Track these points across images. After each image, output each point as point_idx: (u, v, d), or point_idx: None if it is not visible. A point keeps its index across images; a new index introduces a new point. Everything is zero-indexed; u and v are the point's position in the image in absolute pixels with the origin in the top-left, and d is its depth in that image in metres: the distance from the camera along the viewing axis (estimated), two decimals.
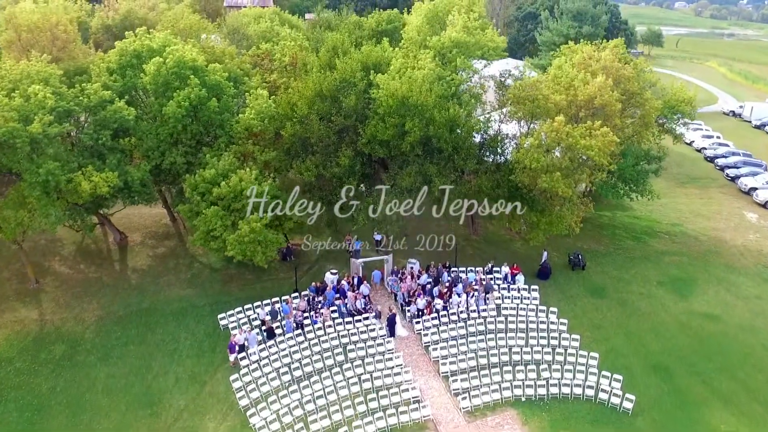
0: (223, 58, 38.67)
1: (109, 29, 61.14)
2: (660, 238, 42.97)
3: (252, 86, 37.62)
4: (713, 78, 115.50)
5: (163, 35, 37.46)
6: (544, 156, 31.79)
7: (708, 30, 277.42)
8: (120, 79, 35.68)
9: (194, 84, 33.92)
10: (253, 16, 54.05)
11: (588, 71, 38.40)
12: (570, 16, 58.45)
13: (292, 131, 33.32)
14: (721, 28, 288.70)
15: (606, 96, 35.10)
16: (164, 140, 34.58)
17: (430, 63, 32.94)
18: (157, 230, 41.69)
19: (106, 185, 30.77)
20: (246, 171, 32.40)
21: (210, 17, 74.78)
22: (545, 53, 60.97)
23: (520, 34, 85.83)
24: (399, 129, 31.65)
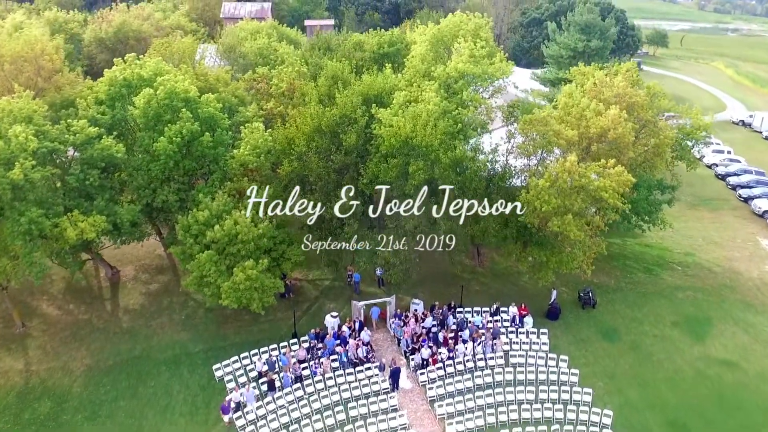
0: (217, 86, 36.92)
1: (102, 42, 59.43)
2: (672, 270, 41.35)
3: (248, 116, 35.97)
4: (720, 81, 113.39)
5: (155, 62, 35.70)
6: (555, 197, 30.17)
7: (712, 25, 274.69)
8: (109, 111, 34.02)
9: (186, 118, 32.25)
10: (250, 30, 52.13)
11: (600, 99, 36.69)
12: (578, 28, 56.55)
13: (289, 168, 31.65)
14: (725, 23, 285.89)
15: (620, 129, 33.38)
16: (156, 177, 32.95)
17: (434, 97, 31.18)
18: (150, 262, 40.12)
19: (94, 231, 29.17)
20: (241, 213, 30.82)
21: (207, 25, 73.08)
22: (552, 66, 59.19)
23: (524, 41, 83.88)
24: (402, 169, 30.00)
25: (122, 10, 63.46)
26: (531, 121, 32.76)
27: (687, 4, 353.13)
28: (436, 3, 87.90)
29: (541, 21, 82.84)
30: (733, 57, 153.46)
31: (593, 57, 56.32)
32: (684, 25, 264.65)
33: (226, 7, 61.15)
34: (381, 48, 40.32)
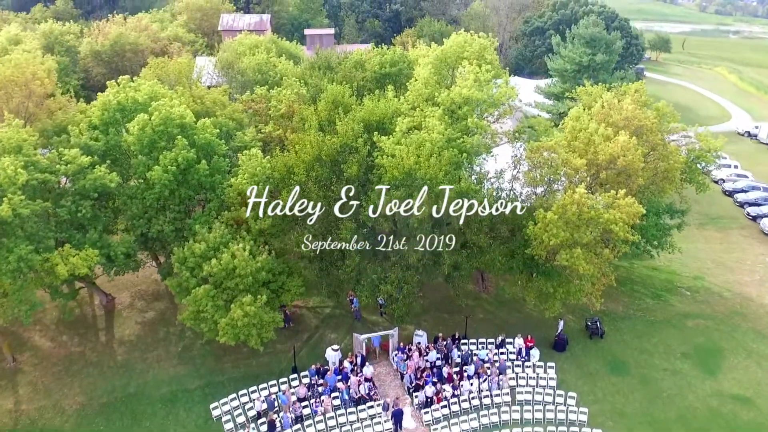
0: (214, 109, 35.88)
1: (99, 55, 58.34)
2: (681, 295, 40.35)
3: (245, 140, 34.95)
4: (723, 88, 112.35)
5: (149, 85, 34.66)
6: (564, 230, 29.16)
7: (713, 27, 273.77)
8: (102, 136, 33.01)
9: (182, 145, 31.23)
10: (249, 45, 51.07)
11: (608, 122, 35.70)
12: (582, 42, 55.51)
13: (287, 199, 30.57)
14: (727, 25, 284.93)
15: (630, 156, 32.36)
16: (150, 205, 31.95)
17: (438, 124, 30.15)
18: (146, 288, 39.09)
19: (86, 266, 28.16)
20: (239, 246, 29.79)
21: (205, 35, 72.02)
22: (557, 79, 58.14)
23: (527, 50, 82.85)
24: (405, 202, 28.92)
25: (119, 21, 62.42)
26: (538, 150, 31.75)
27: (688, 5, 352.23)
28: (437, 11, 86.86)
29: (544, 30, 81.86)
30: (735, 61, 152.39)
31: (598, 70, 55.36)
32: (685, 27, 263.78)
33: (225, 19, 60.08)
34: (383, 68, 39.26)
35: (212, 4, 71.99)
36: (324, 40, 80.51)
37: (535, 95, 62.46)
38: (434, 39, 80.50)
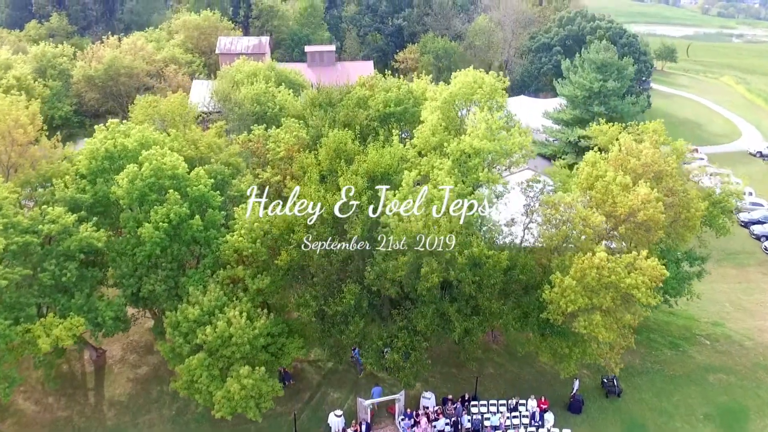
0: (208, 155, 33.94)
1: (92, 80, 56.37)
2: (700, 344, 38.44)
3: (242, 189, 33.00)
4: (731, 100, 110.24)
5: (140, 130, 32.67)
6: (582, 296, 27.24)
7: (716, 30, 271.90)
8: (90, 187, 31.10)
9: (174, 200, 29.32)
10: (247, 73, 49.16)
11: (625, 168, 33.76)
12: (593, 67, 53.53)
13: (288, 258, 28.68)
14: (730, 28, 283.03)
15: (651, 210, 30.40)
16: (141, 263, 30.03)
17: (448, 180, 28.21)
18: (139, 339, 37.15)
19: (70, 337, 26.27)
20: (235, 311, 27.88)
21: (203, 54, 70.08)
22: (567, 105, 56.09)
23: (533, 66, 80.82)
24: (413, 266, 27.05)
25: (113, 44, 60.43)
26: (554, 206, 29.82)
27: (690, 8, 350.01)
28: (441, 26, 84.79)
29: (551, 46, 79.87)
30: (741, 69, 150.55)
31: (609, 96, 53.41)
32: (688, 30, 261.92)
33: (222, 42, 57.99)
34: (387, 107, 37.31)
35: (210, 23, 70.05)
36: (325, 56, 78.66)
37: (542, 119, 60.48)
38: (438, 57, 78.84)
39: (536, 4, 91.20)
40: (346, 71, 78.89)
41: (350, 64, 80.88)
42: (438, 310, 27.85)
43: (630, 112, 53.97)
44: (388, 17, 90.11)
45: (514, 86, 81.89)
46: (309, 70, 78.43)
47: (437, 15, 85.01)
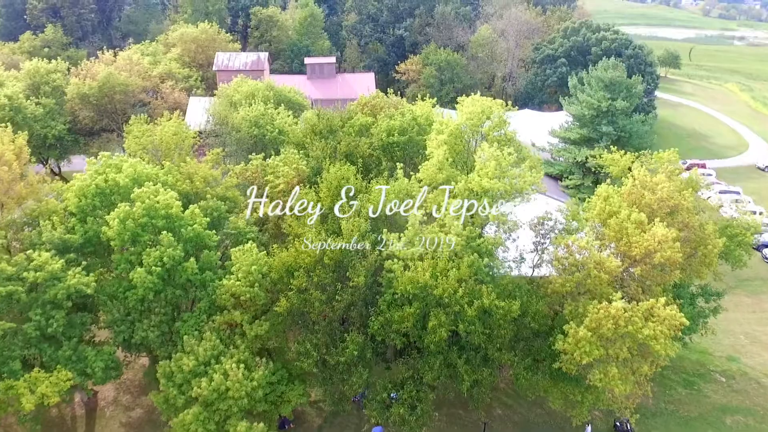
0: (204, 190, 32.43)
1: (86, 98, 54.78)
2: (716, 382, 37.03)
3: (239, 226, 31.51)
4: (737, 109, 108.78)
5: (132, 164, 31.13)
6: (598, 348, 25.82)
7: (717, 32, 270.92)
8: (79, 227, 29.61)
9: (167, 242, 27.87)
10: (245, 93, 47.65)
11: (639, 203, 32.33)
12: (601, 86, 52.05)
13: (287, 305, 27.22)
14: (731, 30, 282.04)
15: (669, 252, 28.96)
16: (134, 307, 28.59)
17: (457, 225, 26.76)
18: (133, 377, 35.73)
19: (57, 393, 24.82)
20: (232, 361, 26.45)
21: (201, 68, 68.51)
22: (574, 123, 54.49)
23: (537, 78, 79.32)
24: (419, 317, 25.63)
25: (108, 60, 58.80)
26: (567, 248, 28.35)
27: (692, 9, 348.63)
28: (443, 37, 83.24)
29: (555, 58, 78.35)
30: (745, 75, 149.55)
31: (617, 115, 51.91)
32: (689, 32, 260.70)
33: (220, 58, 56.46)
34: (390, 135, 35.81)
35: (207, 35, 68.47)
36: (325, 68, 77.18)
37: (549, 137, 58.95)
38: (440, 69, 77.33)
39: (540, 14, 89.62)
40: (347, 83, 77.50)
41: (351, 76, 79.39)
42: (446, 360, 26.39)
43: (639, 132, 52.51)
44: (389, 27, 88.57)
45: (518, 99, 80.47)
46: (309, 82, 77.06)
47: (439, 25, 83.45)
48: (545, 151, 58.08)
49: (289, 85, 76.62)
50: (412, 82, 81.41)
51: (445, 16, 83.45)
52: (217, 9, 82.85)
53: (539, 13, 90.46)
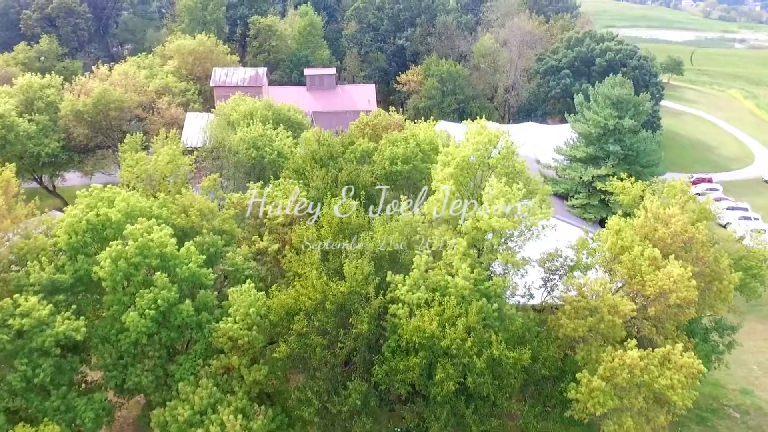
0: (200, 225, 31.17)
1: (80, 115, 53.53)
2: (729, 418, 35.84)
3: (237, 263, 30.27)
4: (741, 117, 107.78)
5: (125, 198, 29.85)
6: (612, 399, 24.63)
7: (718, 35, 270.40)
8: (69, 265, 28.36)
9: (162, 284, 26.66)
10: (243, 113, 46.40)
11: (653, 237, 31.15)
12: (608, 103, 50.87)
13: (287, 350, 26.00)
14: (732, 32, 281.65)
15: (685, 292, 27.78)
16: (126, 351, 27.36)
17: (464, 268, 25.55)
18: (127, 415, 34.31)
19: None
20: (229, 410, 25.24)
21: (198, 80, 67.32)
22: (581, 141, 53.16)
23: (540, 90, 78.11)
24: (426, 367, 24.43)
25: (103, 75, 57.53)
26: (579, 290, 27.15)
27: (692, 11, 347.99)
28: (444, 47, 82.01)
29: (559, 69, 77.12)
30: (747, 80, 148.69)
31: (625, 134, 50.67)
32: (690, 35, 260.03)
33: (217, 73, 55.04)
34: (393, 164, 34.57)
35: (205, 47, 67.20)
36: (325, 80, 75.99)
37: (553, 153, 57.71)
38: (442, 80, 76.10)
39: (542, 23, 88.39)
40: (347, 95, 76.29)
41: (351, 87, 78.19)
42: (453, 410, 25.18)
43: (647, 150, 51.31)
44: (389, 36, 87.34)
45: (521, 110, 79.35)
46: (308, 93, 75.86)
47: (440, 35, 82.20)
48: (550, 169, 56.88)
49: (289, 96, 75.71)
50: (413, 93, 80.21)
51: (447, 25, 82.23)
52: (215, 18, 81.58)
53: (542, 22, 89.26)
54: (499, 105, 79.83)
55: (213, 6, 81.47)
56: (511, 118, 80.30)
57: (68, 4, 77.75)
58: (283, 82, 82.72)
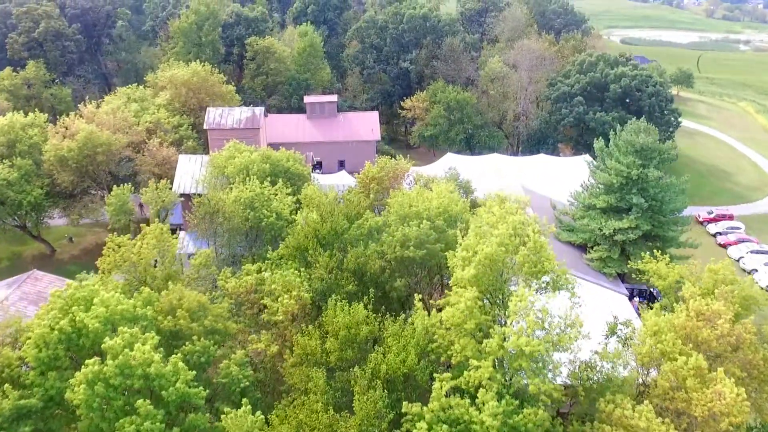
0: (190, 330, 27.68)
1: (65, 161, 49.88)
2: None
3: (232, 373, 26.85)
4: (755, 135, 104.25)
5: (103, 301, 26.31)
6: None
7: (722, 35, 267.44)
8: (39, 384, 24.97)
9: (145, 412, 23.28)
10: (238, 167, 42.84)
11: (696, 339, 27.81)
12: (632, 150, 47.37)
13: None
14: (736, 32, 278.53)
15: (739, 417, 24.46)
16: None
17: (490, 399, 22.18)
18: None
19: None
20: None
21: (192, 112, 63.76)
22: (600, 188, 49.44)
23: (552, 118, 74.49)
24: None
25: (89, 113, 53.82)
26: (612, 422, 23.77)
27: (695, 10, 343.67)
28: (451, 71, 78.31)
29: (572, 96, 73.45)
30: (757, 89, 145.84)
31: (649, 183, 47.13)
32: (693, 35, 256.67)
33: (211, 115, 51.09)
34: (405, 248, 30.99)
35: (199, 77, 63.41)
36: (326, 108, 72.51)
37: (569, 197, 54.24)
38: (449, 108, 72.48)
39: (552, 43, 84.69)
40: (350, 123, 72.80)
41: (354, 115, 74.62)
42: None
43: (672, 200, 47.81)
44: (393, 57, 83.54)
45: (531, 138, 75.79)
46: (308, 122, 72.43)
47: (446, 59, 78.47)
48: (566, 215, 53.45)
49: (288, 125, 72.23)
50: (418, 119, 76.59)
51: (454, 48, 78.47)
52: (211, 40, 77.76)
53: (552, 42, 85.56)
54: (509, 133, 76.26)
55: (208, 27, 77.65)
56: (521, 146, 76.81)
57: (56, 27, 73.83)
58: (282, 107, 79.13)
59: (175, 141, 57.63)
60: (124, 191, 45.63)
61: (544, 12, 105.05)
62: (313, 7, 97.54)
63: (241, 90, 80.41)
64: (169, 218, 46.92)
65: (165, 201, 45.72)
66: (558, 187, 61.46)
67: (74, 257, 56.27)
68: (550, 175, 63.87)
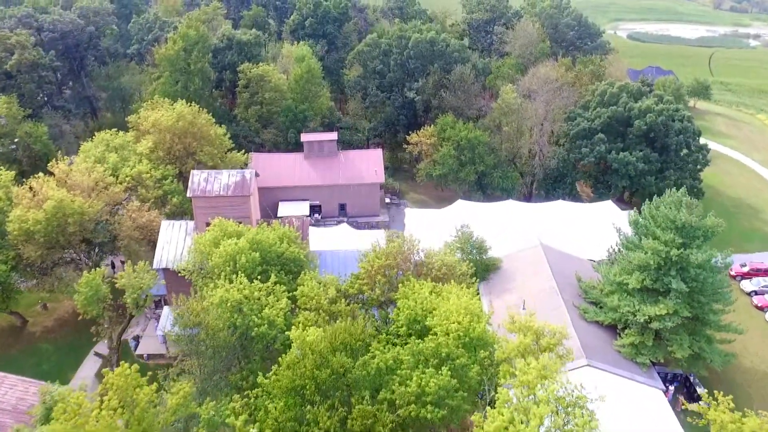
0: None
1: (32, 235, 44.17)
2: None
3: None
4: None
5: None
6: None
7: (731, 29, 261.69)
8: None
9: None
10: (226, 256, 37.25)
11: None
12: (671, 226, 41.77)
13: None
14: (744, 26, 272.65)
15: None
16: None
17: None
18: None
19: None
20: None
21: (178, 160, 58.02)
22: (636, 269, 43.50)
23: (571, 156, 68.69)
24: None
25: (61, 174, 47.92)
26: None
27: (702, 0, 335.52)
28: (460, 103, 72.19)
29: (593, 132, 67.58)
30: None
31: (691, 265, 41.57)
32: (701, 29, 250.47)
33: (195, 180, 44.71)
34: (422, 405, 25.46)
35: (185, 121, 57.36)
36: (325, 147, 66.76)
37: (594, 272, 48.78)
38: (459, 148, 66.67)
39: (569, 68, 78.58)
40: (351, 163, 67.05)
41: (356, 153, 68.82)
42: None
43: (714, 282, 42.27)
44: (398, 85, 77.37)
45: (548, 177, 70.02)
46: (306, 162, 66.71)
47: (456, 89, 72.38)
48: (594, 289, 47.95)
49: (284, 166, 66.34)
50: (425, 155, 70.72)
51: (464, 78, 72.33)
52: (200, 68, 71.52)
53: (569, 66, 79.44)
54: (524, 172, 70.47)
55: (197, 54, 71.34)
56: (537, 185, 71.11)
57: (30, 58, 67.42)
58: (278, 141, 73.21)
59: (158, 198, 51.99)
60: (96, 276, 40.07)
61: (556, 25, 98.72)
62: (312, 20, 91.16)
63: (233, 120, 74.53)
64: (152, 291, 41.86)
65: (144, 286, 40.40)
66: (581, 240, 56.08)
67: (47, 331, 50.90)
68: (572, 227, 58.35)
